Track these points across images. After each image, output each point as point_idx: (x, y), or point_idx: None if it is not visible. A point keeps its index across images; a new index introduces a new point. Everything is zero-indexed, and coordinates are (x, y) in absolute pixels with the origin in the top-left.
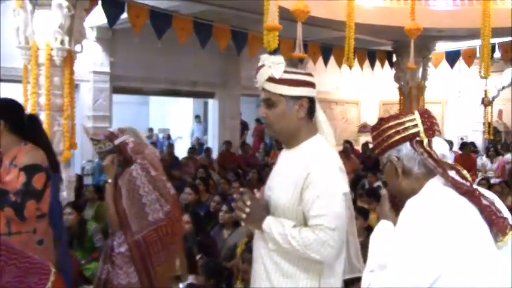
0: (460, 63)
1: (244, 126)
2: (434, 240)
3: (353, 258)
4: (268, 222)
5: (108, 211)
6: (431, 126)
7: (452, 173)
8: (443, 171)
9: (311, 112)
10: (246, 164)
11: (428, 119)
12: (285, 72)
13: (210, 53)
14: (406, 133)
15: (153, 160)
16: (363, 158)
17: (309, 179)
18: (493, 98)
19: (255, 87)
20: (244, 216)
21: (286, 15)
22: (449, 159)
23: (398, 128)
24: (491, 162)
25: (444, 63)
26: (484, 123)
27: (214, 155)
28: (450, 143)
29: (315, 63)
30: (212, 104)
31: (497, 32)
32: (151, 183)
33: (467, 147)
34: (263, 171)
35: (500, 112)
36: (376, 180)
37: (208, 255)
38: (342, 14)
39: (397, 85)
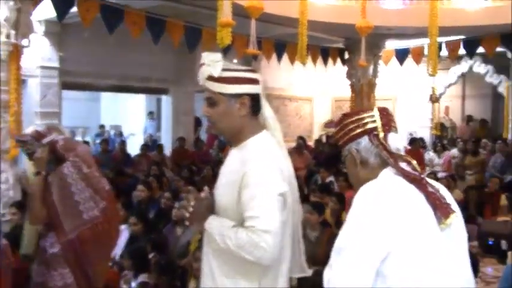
0: (409, 61)
1: (198, 122)
2: (383, 222)
3: (302, 258)
4: (210, 222)
5: (33, 204)
6: (388, 123)
7: (403, 164)
8: (395, 162)
9: (256, 109)
10: (200, 160)
11: (386, 116)
12: (224, 70)
13: (164, 49)
14: (365, 128)
15: (86, 157)
16: (316, 153)
17: (245, 178)
18: (440, 95)
19: None
20: (187, 215)
21: (240, 12)
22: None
23: (358, 123)
24: (438, 157)
25: (394, 61)
26: (431, 120)
27: (168, 151)
28: None
29: (268, 59)
30: (166, 100)
31: (444, 31)
32: (84, 180)
33: (416, 143)
34: (217, 168)
35: (447, 108)
36: (328, 176)
37: (160, 253)
38: (295, 11)
39: (349, 82)
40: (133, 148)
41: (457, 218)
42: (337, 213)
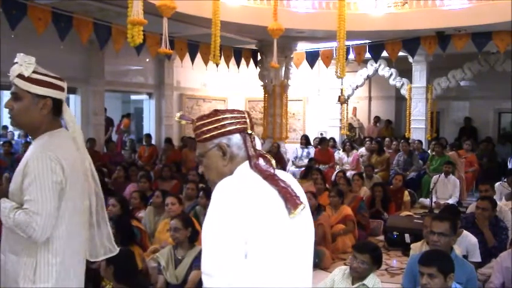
0: (319, 63)
1: (109, 122)
2: (241, 213)
3: (105, 241)
4: (1, 205)
5: None
6: (252, 125)
7: (261, 161)
8: (257, 160)
9: (57, 112)
10: (112, 162)
11: (251, 119)
12: (35, 72)
13: (72, 46)
14: (239, 126)
15: None
16: None
17: (26, 168)
18: (348, 97)
19: (120, 82)
20: None
21: (152, 10)
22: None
23: (232, 121)
24: (347, 156)
25: (305, 63)
26: (340, 120)
27: None
28: (306, 138)
29: (181, 59)
30: (74, 99)
31: (351, 35)
32: None
33: (324, 142)
34: (130, 169)
35: (355, 109)
36: None
37: None
38: (208, 12)
39: (262, 83)
40: None
41: (305, 209)
42: None
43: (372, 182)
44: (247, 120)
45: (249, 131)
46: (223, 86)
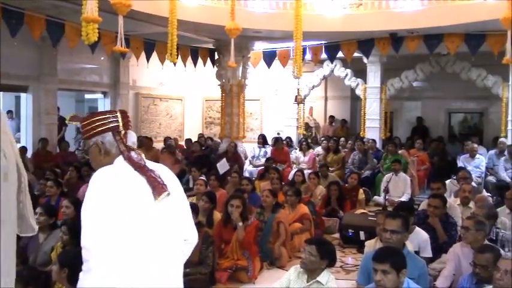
0: (276, 63)
1: (62, 122)
2: (112, 195)
3: (30, 219)
4: None
5: None
6: (127, 122)
7: (133, 154)
8: (128, 153)
9: None
10: (65, 162)
11: (125, 117)
12: None
13: (23, 43)
14: (110, 125)
15: None
16: (187, 153)
17: None
18: (305, 96)
19: (74, 81)
20: None
21: (107, 8)
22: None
23: (104, 121)
24: (304, 155)
25: (262, 63)
26: (297, 119)
27: (29, 153)
28: (264, 138)
29: (137, 58)
30: (25, 98)
31: (307, 36)
32: None
33: (279, 142)
34: (82, 169)
35: (311, 109)
36: (200, 175)
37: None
38: (165, 10)
39: (219, 82)
40: None
41: (170, 196)
42: (208, 211)
43: (327, 180)
44: (120, 120)
45: (121, 129)
46: (180, 85)
